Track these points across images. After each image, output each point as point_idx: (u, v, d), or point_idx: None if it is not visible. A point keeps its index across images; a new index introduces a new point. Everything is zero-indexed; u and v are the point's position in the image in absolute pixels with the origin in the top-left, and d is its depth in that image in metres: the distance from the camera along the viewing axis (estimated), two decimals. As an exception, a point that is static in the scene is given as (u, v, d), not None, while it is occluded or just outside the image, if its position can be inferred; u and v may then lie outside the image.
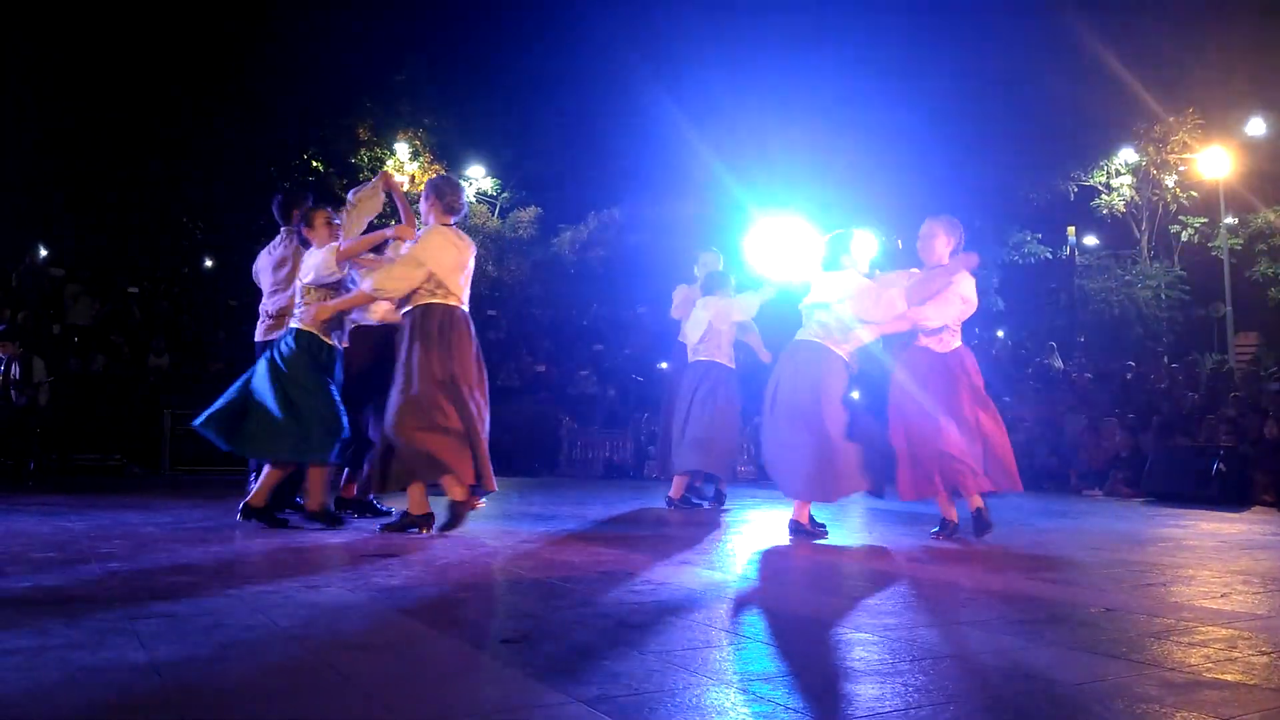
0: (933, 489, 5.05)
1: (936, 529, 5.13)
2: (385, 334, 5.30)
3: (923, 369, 5.20)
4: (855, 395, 5.42)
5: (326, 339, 5.00)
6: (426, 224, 5.08)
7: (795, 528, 5.05)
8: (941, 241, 5.30)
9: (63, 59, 20.11)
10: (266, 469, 5.03)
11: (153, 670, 2.09)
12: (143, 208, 21.12)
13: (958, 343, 5.31)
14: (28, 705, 1.83)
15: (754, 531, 5.54)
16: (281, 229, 5.87)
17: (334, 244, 5.08)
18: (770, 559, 4.37)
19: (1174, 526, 6.26)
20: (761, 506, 7.19)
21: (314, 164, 22.65)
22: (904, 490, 5.11)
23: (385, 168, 23.37)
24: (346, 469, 5.64)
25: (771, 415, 5.25)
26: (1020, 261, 22.64)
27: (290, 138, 22.12)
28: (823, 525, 5.15)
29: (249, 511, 4.97)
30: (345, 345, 5.38)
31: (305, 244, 5.28)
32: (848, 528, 5.71)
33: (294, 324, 5.02)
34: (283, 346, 4.97)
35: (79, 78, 20.32)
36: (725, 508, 6.98)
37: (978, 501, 5.00)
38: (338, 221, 5.33)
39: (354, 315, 5.40)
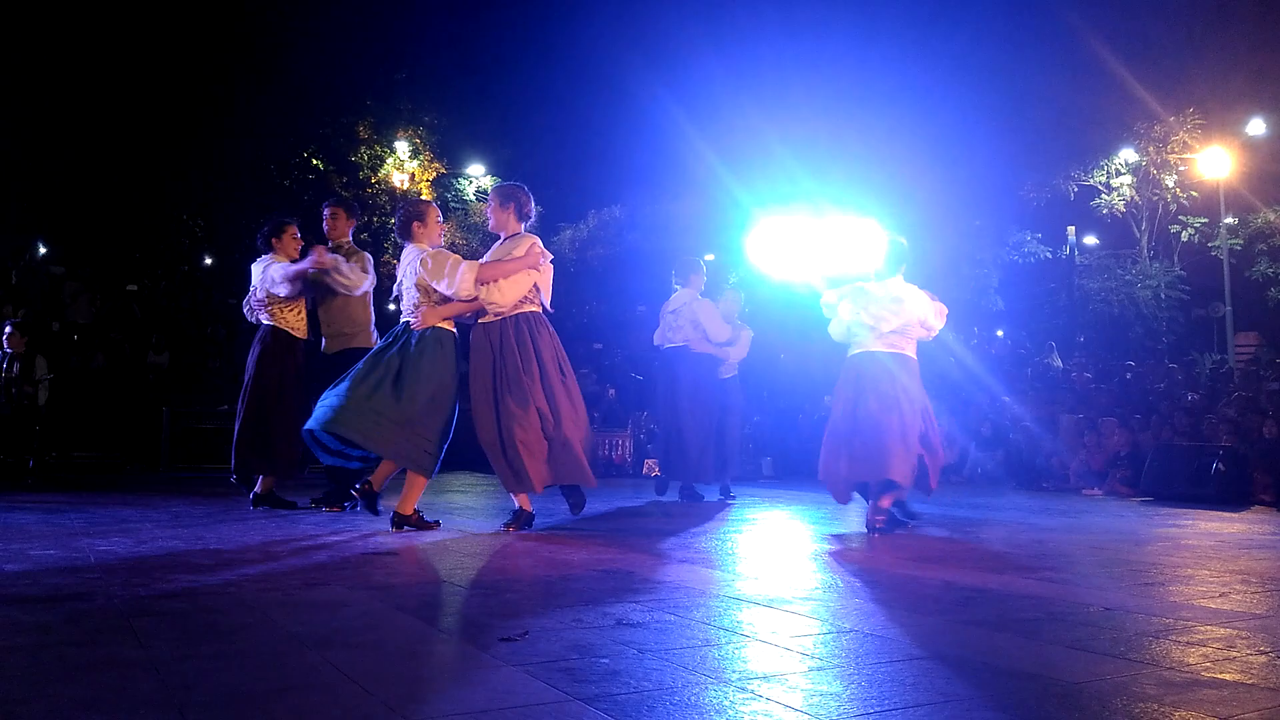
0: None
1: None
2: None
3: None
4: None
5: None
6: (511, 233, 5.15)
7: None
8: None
9: (62, 57, 20.09)
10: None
11: (151, 667, 2.09)
12: (142, 206, 21.13)
13: None
14: (27, 702, 1.83)
15: (754, 530, 5.54)
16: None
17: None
18: (770, 557, 4.37)
19: (1173, 526, 6.26)
20: (762, 506, 7.20)
21: (314, 162, 22.65)
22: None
23: (384, 167, 23.43)
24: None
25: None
26: (1020, 261, 22.64)
27: (290, 136, 22.12)
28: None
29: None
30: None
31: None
32: (845, 525, 5.71)
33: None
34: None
35: (79, 76, 20.31)
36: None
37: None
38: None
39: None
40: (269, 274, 5.97)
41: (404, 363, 4.84)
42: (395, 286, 5.11)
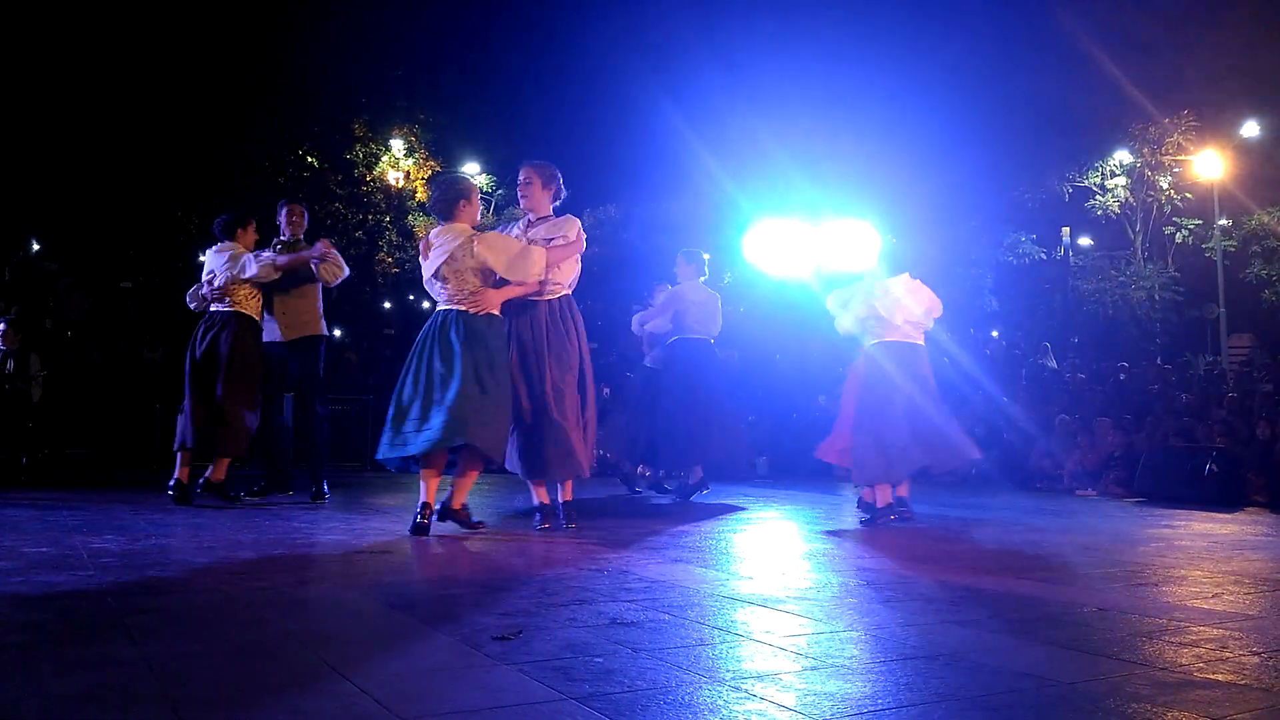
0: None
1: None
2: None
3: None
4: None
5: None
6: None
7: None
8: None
9: (55, 54, 20.02)
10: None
11: (145, 664, 2.08)
12: (136, 202, 21.06)
13: None
14: (21, 700, 1.82)
15: (749, 529, 5.55)
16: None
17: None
18: (764, 556, 4.37)
19: (1166, 527, 6.27)
20: (757, 505, 7.19)
21: (309, 160, 22.60)
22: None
23: (379, 164, 23.39)
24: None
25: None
26: (1015, 262, 22.69)
27: (285, 132, 22.05)
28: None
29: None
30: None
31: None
32: (839, 524, 5.71)
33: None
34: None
35: (72, 73, 20.24)
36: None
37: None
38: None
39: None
40: (247, 261, 6.04)
41: (479, 355, 4.52)
42: (430, 269, 4.70)
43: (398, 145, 23.47)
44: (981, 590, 3.43)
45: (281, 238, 6.66)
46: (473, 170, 23.84)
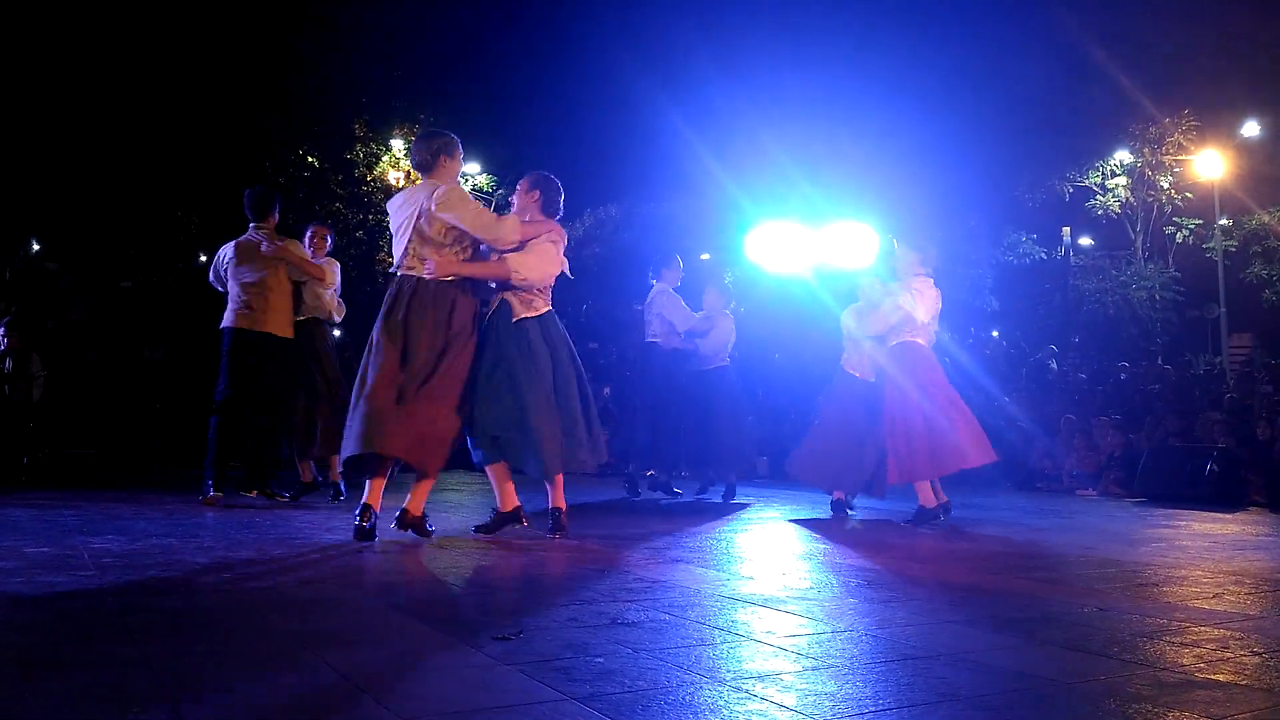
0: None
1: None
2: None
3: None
4: None
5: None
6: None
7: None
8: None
9: (56, 54, 20.02)
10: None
11: (145, 665, 2.08)
12: (137, 203, 21.05)
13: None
14: (21, 700, 1.82)
15: (750, 530, 5.55)
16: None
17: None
18: (765, 557, 4.37)
19: (1167, 527, 6.27)
20: (758, 506, 7.20)
21: (309, 160, 22.59)
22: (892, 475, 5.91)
23: (380, 165, 23.40)
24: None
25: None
26: (1015, 262, 22.69)
27: (285, 134, 22.04)
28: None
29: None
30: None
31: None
32: (839, 526, 5.71)
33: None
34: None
35: (73, 73, 20.24)
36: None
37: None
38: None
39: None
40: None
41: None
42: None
43: (398, 145, 23.46)
44: (982, 590, 3.43)
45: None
46: (473, 170, 23.84)
